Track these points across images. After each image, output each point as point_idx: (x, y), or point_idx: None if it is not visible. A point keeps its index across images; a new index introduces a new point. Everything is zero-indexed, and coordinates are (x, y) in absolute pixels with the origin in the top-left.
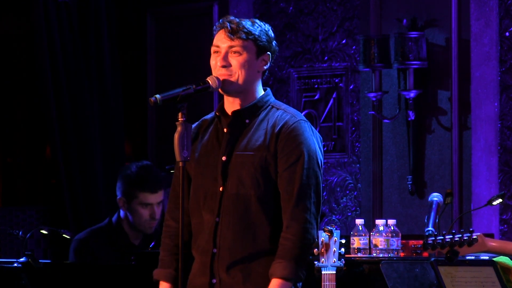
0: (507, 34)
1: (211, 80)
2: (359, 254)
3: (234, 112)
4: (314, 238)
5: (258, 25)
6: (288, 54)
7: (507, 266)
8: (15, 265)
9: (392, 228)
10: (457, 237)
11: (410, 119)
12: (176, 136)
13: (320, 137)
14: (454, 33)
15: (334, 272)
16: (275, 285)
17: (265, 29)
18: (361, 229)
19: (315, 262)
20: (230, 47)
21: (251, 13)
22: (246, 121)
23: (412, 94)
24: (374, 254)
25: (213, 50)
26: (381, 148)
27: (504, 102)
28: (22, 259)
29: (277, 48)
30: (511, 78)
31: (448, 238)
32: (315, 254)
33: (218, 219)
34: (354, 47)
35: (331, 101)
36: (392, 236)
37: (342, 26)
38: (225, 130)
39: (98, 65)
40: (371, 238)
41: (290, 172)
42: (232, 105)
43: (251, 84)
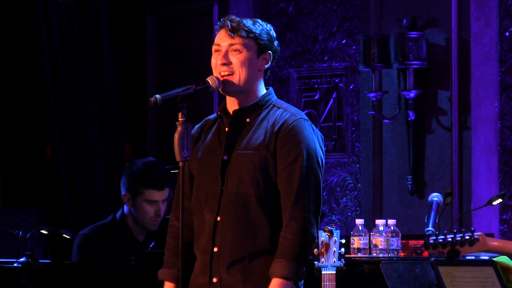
0: (507, 34)
1: (211, 80)
2: (359, 254)
3: (235, 111)
4: (314, 237)
5: (259, 24)
6: (288, 54)
7: (507, 266)
8: (15, 265)
9: (392, 228)
10: (458, 236)
11: (410, 119)
12: (176, 136)
13: (321, 135)
14: (454, 33)
15: (334, 272)
16: (275, 284)
17: (266, 28)
18: (361, 229)
19: (315, 262)
20: (230, 45)
21: (251, 13)
22: (247, 120)
23: (412, 94)
24: (374, 254)
25: (214, 49)
26: (381, 148)
27: (504, 102)
28: (22, 259)
29: (279, 47)
30: (511, 78)
31: (449, 238)
32: (315, 254)
33: (218, 219)
34: (354, 47)
35: (331, 101)
36: (392, 236)
37: (342, 26)
38: (226, 129)
39: (98, 65)
40: (371, 238)
41: (289, 171)
42: (233, 104)
43: (252, 83)
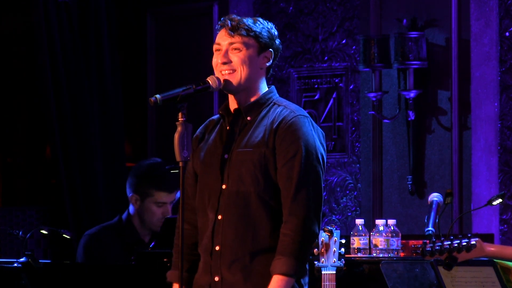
0: (507, 34)
1: (211, 80)
2: (359, 254)
3: (235, 110)
4: (314, 234)
5: (260, 22)
6: (288, 54)
7: (507, 266)
8: (15, 265)
9: (392, 228)
10: (455, 243)
11: (410, 119)
12: (176, 136)
13: (322, 132)
14: (454, 33)
15: (334, 272)
16: (276, 281)
17: (267, 26)
18: (361, 229)
19: (315, 262)
20: (231, 44)
21: (251, 13)
22: (248, 118)
23: (412, 94)
24: (374, 254)
25: (215, 48)
26: (381, 148)
27: (504, 102)
28: (22, 259)
29: (280, 46)
30: (511, 78)
31: (446, 244)
32: (315, 254)
33: (219, 217)
34: (354, 47)
35: (331, 101)
36: (392, 236)
37: (342, 26)
38: (227, 128)
39: (98, 65)
40: (371, 238)
41: (289, 167)
42: (235, 103)
43: (253, 81)
